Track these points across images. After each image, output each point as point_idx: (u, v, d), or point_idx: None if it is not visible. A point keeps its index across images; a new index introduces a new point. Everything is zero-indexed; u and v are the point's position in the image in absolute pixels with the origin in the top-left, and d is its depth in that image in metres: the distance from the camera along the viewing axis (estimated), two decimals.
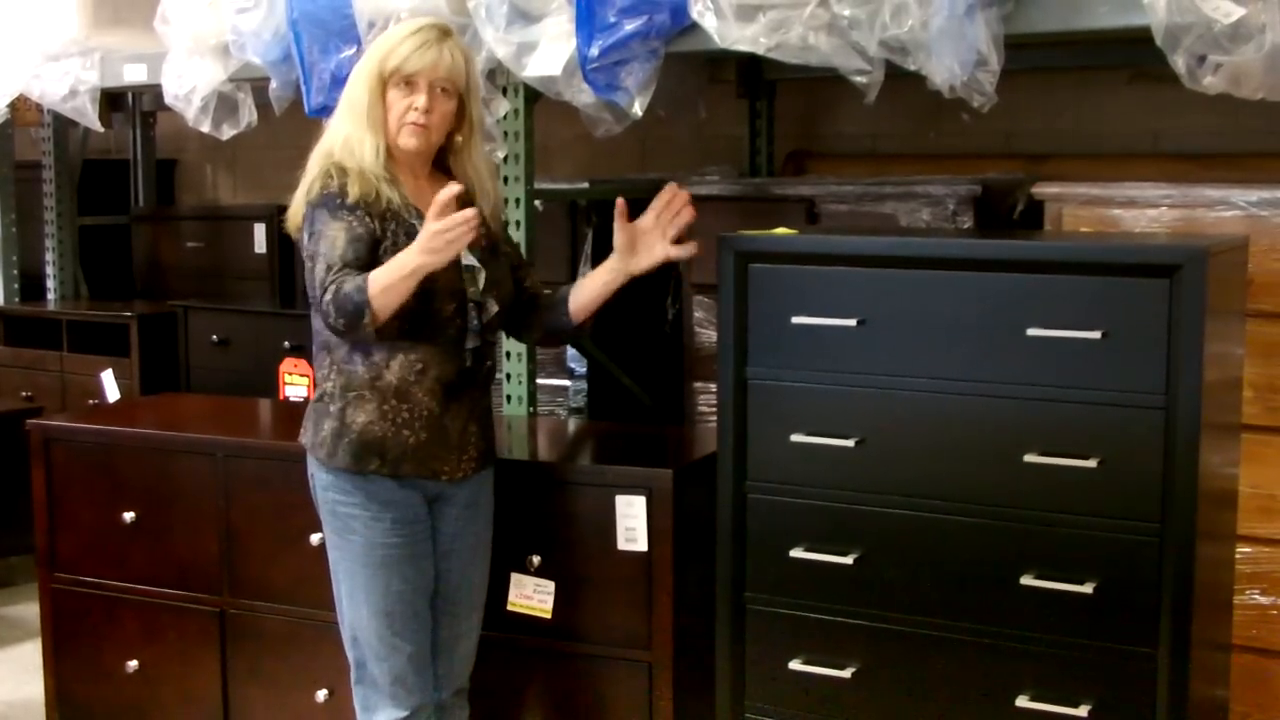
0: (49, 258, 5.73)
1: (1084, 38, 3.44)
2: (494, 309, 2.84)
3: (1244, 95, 2.73)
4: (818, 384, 2.71)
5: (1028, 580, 2.53)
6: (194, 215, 5.93)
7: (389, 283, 2.62)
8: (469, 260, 2.80)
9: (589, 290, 2.92)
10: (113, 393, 5.15)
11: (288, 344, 4.74)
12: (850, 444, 2.67)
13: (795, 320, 2.69)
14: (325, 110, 3.65)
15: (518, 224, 3.60)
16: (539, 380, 3.81)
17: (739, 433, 2.77)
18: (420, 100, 2.75)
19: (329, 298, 2.63)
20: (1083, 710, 2.51)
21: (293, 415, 3.58)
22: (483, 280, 2.83)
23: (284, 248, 5.24)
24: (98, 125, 4.83)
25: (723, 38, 3.09)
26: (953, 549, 2.61)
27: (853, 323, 2.64)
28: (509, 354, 3.66)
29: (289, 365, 4.53)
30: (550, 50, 3.39)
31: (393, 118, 2.76)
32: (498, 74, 3.60)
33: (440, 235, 2.58)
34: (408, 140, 2.78)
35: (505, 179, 3.61)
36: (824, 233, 3.29)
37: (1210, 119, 3.94)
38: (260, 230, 5.48)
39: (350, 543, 2.80)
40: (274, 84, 4.03)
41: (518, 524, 3.06)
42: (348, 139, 2.76)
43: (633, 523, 2.98)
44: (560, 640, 3.09)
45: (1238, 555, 2.96)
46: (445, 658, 2.92)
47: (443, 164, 2.90)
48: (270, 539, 3.37)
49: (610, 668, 3.06)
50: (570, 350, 4.14)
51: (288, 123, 4.18)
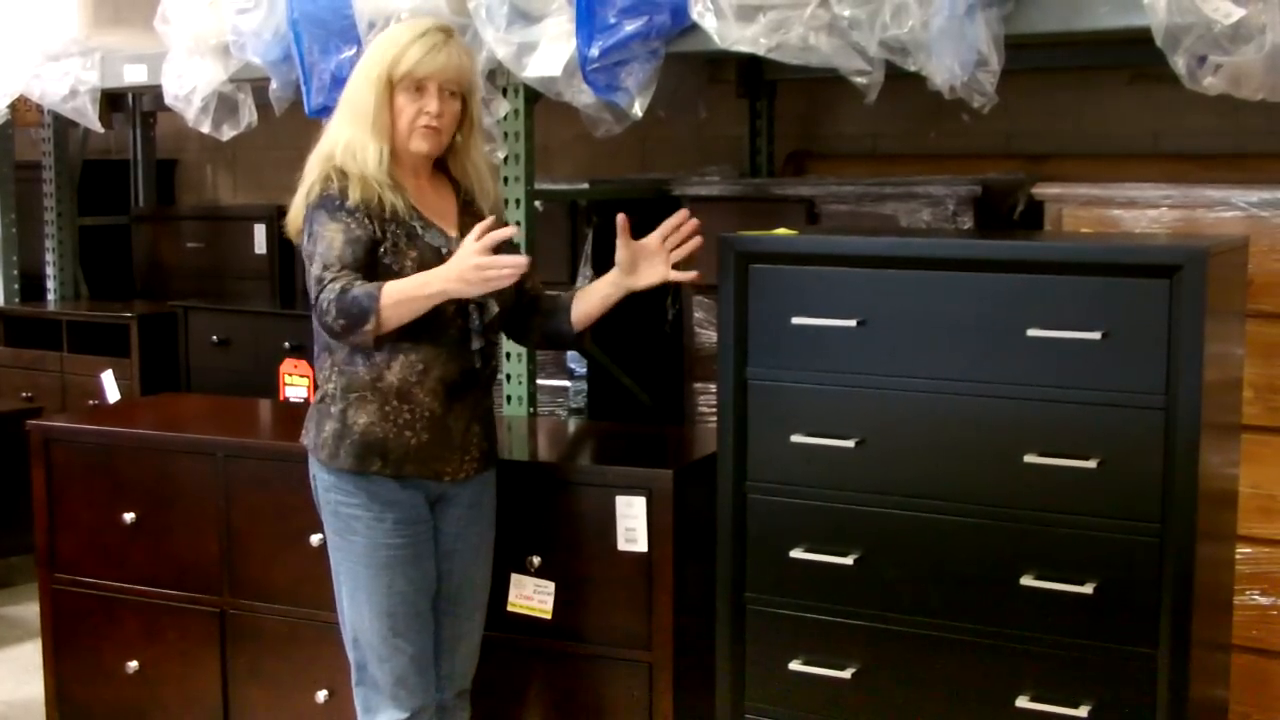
0: (49, 258, 5.73)
1: (1084, 38, 3.44)
2: (495, 309, 2.83)
3: (1244, 96, 2.73)
4: (818, 384, 2.71)
5: (1028, 580, 2.53)
6: (194, 215, 5.91)
7: (405, 298, 2.61)
8: None
9: (589, 303, 2.93)
10: (113, 393, 5.15)
11: (288, 344, 4.74)
12: (850, 444, 2.67)
13: (795, 320, 2.69)
14: (325, 111, 3.65)
15: (518, 224, 3.60)
16: (539, 381, 3.82)
17: (739, 433, 2.77)
18: (433, 105, 2.74)
19: (330, 298, 2.62)
20: (1083, 710, 2.51)
21: (293, 416, 3.59)
22: None
23: (284, 248, 5.22)
24: (98, 125, 4.83)
25: (723, 38, 3.09)
26: (953, 549, 2.61)
27: (853, 323, 2.64)
28: (509, 354, 3.66)
29: (289, 366, 4.53)
30: (550, 50, 3.39)
31: (403, 122, 2.75)
32: (498, 74, 3.60)
33: (481, 270, 2.58)
34: (420, 144, 2.77)
35: (505, 179, 3.61)
36: (824, 233, 3.29)
37: (1210, 119, 3.94)
38: (260, 230, 5.47)
39: (352, 543, 2.80)
40: (274, 84, 4.03)
41: (518, 524, 3.06)
42: (350, 144, 2.74)
43: (633, 523, 2.98)
44: (560, 640, 3.09)
45: (1238, 555, 2.97)
46: (447, 659, 2.92)
47: (441, 163, 2.89)
48: (270, 539, 3.37)
49: (610, 668, 3.06)
50: (570, 350, 4.13)
51: (288, 123, 4.18)
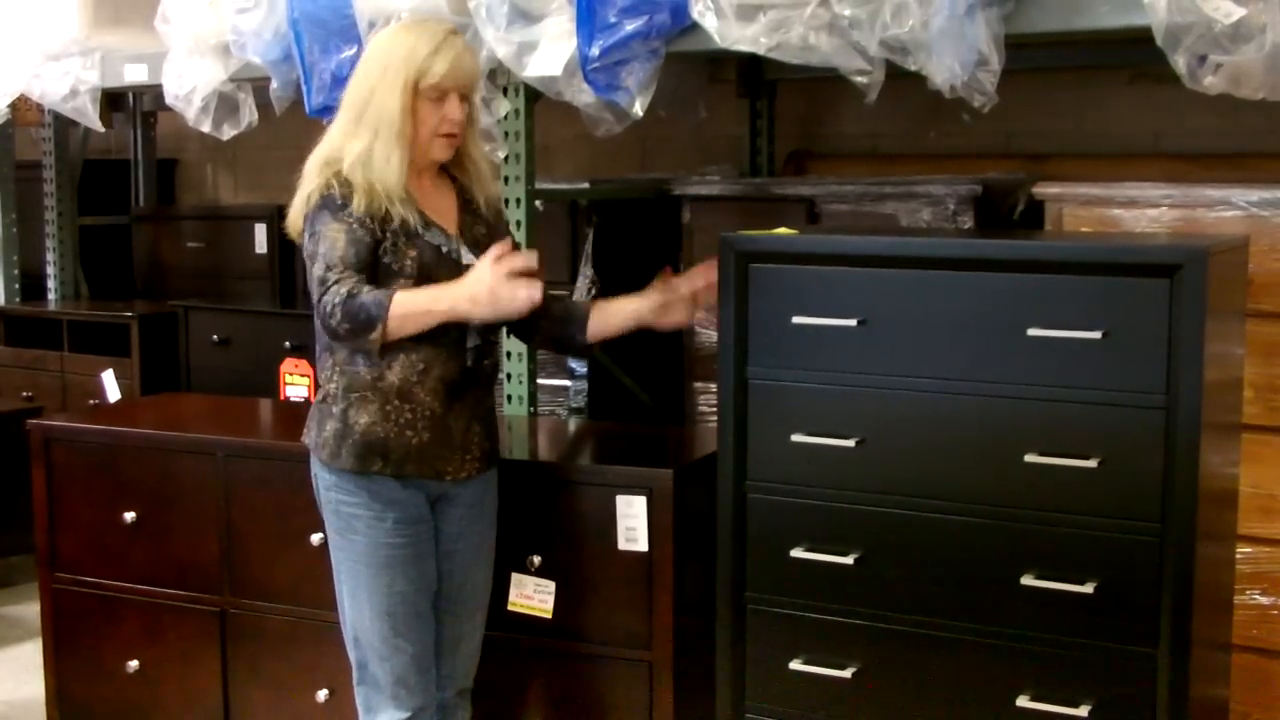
0: (49, 258, 5.73)
1: (1084, 38, 3.45)
2: None
3: (1244, 95, 2.72)
4: (818, 384, 2.71)
5: (1028, 580, 2.53)
6: (194, 215, 5.92)
7: (415, 312, 2.62)
8: (470, 260, 2.79)
9: (608, 324, 2.95)
10: (113, 393, 5.15)
11: (288, 344, 4.74)
12: (850, 444, 2.67)
13: (795, 320, 2.69)
14: (326, 110, 3.65)
15: (518, 224, 3.60)
16: (539, 380, 3.82)
17: (739, 433, 2.77)
18: (456, 112, 2.75)
19: (335, 301, 2.62)
20: (1083, 710, 2.50)
21: (293, 415, 3.59)
22: None
23: (284, 248, 5.23)
24: (98, 125, 4.83)
25: (723, 38, 3.09)
26: (953, 549, 2.61)
27: (853, 323, 2.64)
28: (510, 354, 3.66)
29: (289, 365, 4.53)
30: (551, 50, 3.39)
31: (425, 131, 2.74)
32: (498, 74, 3.60)
33: (499, 294, 2.60)
34: (441, 152, 2.78)
35: (505, 179, 3.61)
36: (824, 233, 3.29)
37: (1211, 119, 3.94)
38: (261, 230, 5.48)
39: (353, 543, 2.80)
40: (274, 84, 4.03)
41: (518, 524, 3.06)
42: (369, 153, 2.70)
43: (633, 523, 2.98)
44: (561, 640, 3.09)
45: (1238, 555, 2.96)
46: (448, 658, 2.92)
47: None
48: (271, 539, 3.38)
49: (610, 668, 3.06)
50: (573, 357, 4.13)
51: (288, 123, 4.18)
